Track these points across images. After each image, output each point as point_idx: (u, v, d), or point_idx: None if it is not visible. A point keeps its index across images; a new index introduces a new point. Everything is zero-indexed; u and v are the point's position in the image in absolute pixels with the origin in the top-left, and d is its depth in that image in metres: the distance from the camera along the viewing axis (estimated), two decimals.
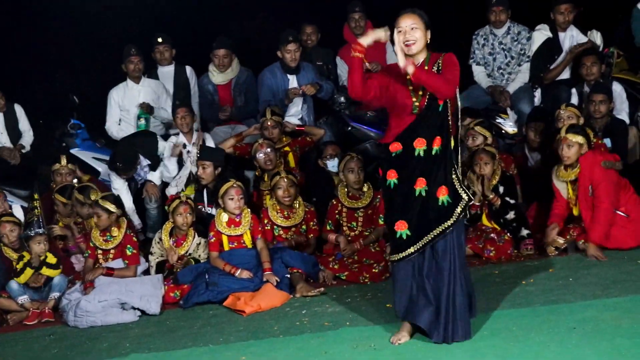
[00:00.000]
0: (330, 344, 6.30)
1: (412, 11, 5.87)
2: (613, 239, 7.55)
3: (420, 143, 5.85)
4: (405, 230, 5.89)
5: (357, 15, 9.98)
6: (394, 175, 5.92)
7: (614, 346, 5.61)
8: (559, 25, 9.56)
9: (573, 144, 7.66)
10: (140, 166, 9.10)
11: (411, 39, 5.81)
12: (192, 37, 10.79)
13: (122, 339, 7.03)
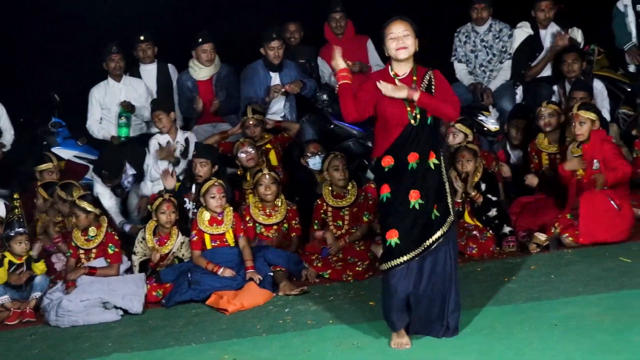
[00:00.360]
0: (313, 342, 6.31)
1: (402, 18, 5.89)
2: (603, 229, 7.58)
3: (414, 157, 5.85)
4: (395, 239, 5.83)
5: (337, 15, 9.97)
6: (387, 189, 5.88)
7: (596, 343, 5.64)
8: (539, 22, 9.58)
9: (585, 120, 7.75)
10: (126, 174, 9.06)
11: (403, 45, 5.83)
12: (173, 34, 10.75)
13: (104, 339, 7.02)
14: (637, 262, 7.03)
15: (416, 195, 5.84)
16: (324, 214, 8.18)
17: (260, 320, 6.94)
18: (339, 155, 8.19)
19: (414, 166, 5.85)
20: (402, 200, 5.84)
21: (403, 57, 5.85)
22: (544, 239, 7.66)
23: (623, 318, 5.95)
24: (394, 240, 5.83)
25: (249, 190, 8.62)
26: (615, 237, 7.56)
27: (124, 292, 7.55)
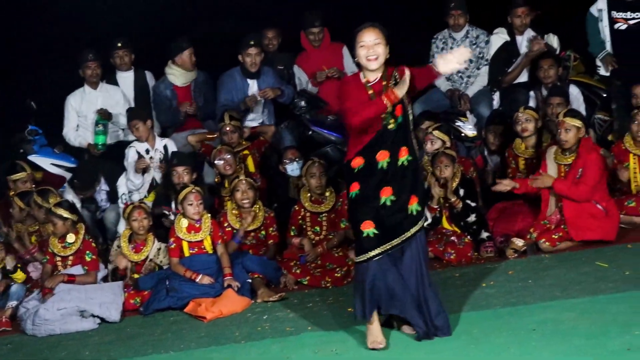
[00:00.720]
0: (292, 349, 6.32)
1: (373, 25, 5.93)
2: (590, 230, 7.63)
3: (383, 156, 5.91)
4: (372, 229, 5.90)
5: (316, 29, 9.96)
6: (357, 187, 5.95)
7: (573, 347, 5.66)
8: (516, 28, 9.62)
9: (571, 127, 7.76)
10: (99, 189, 9.02)
11: (374, 54, 5.87)
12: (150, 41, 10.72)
13: (82, 347, 7.01)
14: (613, 267, 7.06)
15: (388, 191, 5.91)
16: (302, 219, 8.18)
17: (238, 328, 6.93)
18: (317, 162, 8.19)
19: (384, 165, 5.91)
20: (372, 197, 5.91)
21: (373, 68, 5.92)
22: (521, 244, 7.69)
23: (599, 323, 5.98)
24: (371, 230, 5.90)
25: (227, 197, 8.61)
26: (603, 236, 7.63)
27: (101, 301, 7.53)
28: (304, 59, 10.10)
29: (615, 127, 9.20)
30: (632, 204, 8.00)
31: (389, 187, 5.92)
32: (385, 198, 5.92)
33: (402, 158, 5.94)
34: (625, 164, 8.22)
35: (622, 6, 9.03)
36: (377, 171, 5.91)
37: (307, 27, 10.00)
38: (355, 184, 5.95)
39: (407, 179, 5.96)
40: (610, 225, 7.68)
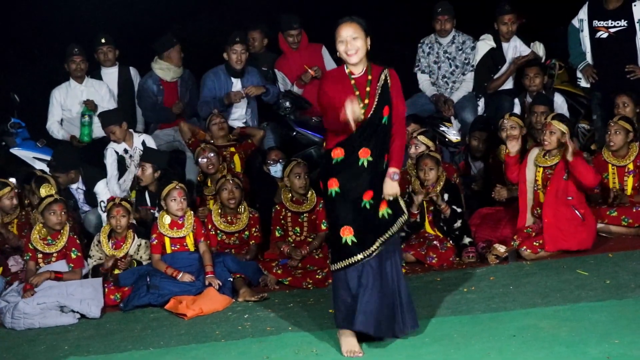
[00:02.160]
0: (272, 348, 6.32)
1: (350, 20, 5.90)
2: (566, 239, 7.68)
3: (365, 153, 5.88)
4: (350, 236, 5.87)
5: (295, 32, 9.97)
6: (335, 184, 5.89)
7: (553, 354, 5.69)
8: (502, 35, 9.68)
9: (556, 130, 7.78)
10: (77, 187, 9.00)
11: (352, 49, 5.85)
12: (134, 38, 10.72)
13: (61, 342, 7.00)
14: (593, 275, 7.09)
15: (369, 195, 5.89)
16: (283, 219, 8.18)
17: (219, 326, 6.94)
18: (301, 163, 8.19)
19: (365, 163, 5.88)
20: (354, 199, 5.88)
21: (354, 62, 5.89)
22: (503, 251, 7.71)
23: (579, 330, 6.02)
24: (349, 237, 5.87)
25: (209, 196, 8.61)
26: (579, 246, 7.66)
27: (81, 297, 7.51)
28: (283, 61, 10.11)
29: (596, 137, 9.26)
30: (614, 214, 8.05)
31: (371, 191, 5.90)
32: (366, 201, 5.91)
33: (384, 162, 5.95)
34: (605, 175, 8.27)
35: (603, 15, 9.09)
36: (358, 167, 5.88)
37: (285, 29, 10.01)
38: (333, 180, 5.89)
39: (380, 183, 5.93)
40: (586, 233, 7.72)
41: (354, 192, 5.89)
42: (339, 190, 5.88)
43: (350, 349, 5.99)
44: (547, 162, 7.86)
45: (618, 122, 8.26)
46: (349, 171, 5.88)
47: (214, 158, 8.69)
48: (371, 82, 5.92)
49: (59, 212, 7.84)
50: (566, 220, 7.70)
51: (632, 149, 8.28)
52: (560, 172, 7.76)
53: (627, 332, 5.90)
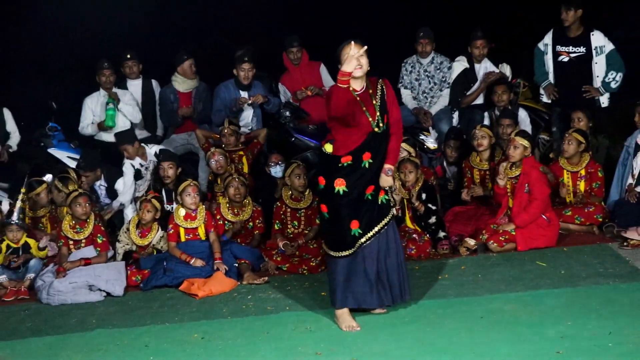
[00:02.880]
0: (272, 325, 6.34)
1: (354, 41, 5.92)
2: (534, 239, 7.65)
3: (367, 156, 6.01)
4: (357, 229, 6.04)
5: (295, 49, 9.95)
6: (342, 183, 6.00)
7: (514, 333, 5.74)
8: (475, 57, 9.66)
9: (519, 145, 7.78)
10: (99, 184, 8.97)
11: (359, 64, 5.89)
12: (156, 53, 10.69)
13: (89, 316, 6.99)
14: (550, 266, 7.12)
15: (371, 189, 6.04)
16: (283, 214, 8.15)
17: (226, 305, 6.93)
18: (301, 165, 8.18)
19: (366, 164, 6.02)
20: (359, 195, 6.02)
21: (359, 75, 5.94)
22: (473, 244, 7.71)
23: (538, 313, 6.07)
24: (357, 230, 6.04)
25: (219, 192, 8.60)
26: (546, 244, 7.65)
27: (107, 277, 7.50)
28: (287, 77, 10.09)
29: (554, 147, 9.26)
30: (568, 213, 8.05)
31: (372, 185, 6.05)
32: (368, 194, 6.05)
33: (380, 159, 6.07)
34: (560, 179, 8.28)
35: (565, 41, 9.08)
36: (361, 169, 6.01)
37: (287, 47, 9.99)
38: (340, 180, 6.00)
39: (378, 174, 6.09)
40: (552, 233, 7.71)
41: (359, 189, 6.02)
42: (346, 189, 6.00)
43: (349, 324, 6.10)
44: (513, 173, 7.86)
45: (572, 134, 8.27)
46: (354, 173, 6.01)
47: (222, 160, 8.68)
48: (373, 97, 6.03)
49: (83, 203, 7.83)
50: (534, 225, 7.69)
51: (584, 157, 8.28)
52: (522, 187, 7.76)
53: (579, 316, 5.95)
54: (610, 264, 7.02)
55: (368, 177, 6.04)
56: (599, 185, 8.23)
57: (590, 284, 6.59)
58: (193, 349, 6.02)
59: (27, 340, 6.54)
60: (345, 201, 6.01)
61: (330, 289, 6.27)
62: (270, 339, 6.06)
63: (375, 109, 6.01)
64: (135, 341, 6.29)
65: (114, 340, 6.35)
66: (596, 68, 9.00)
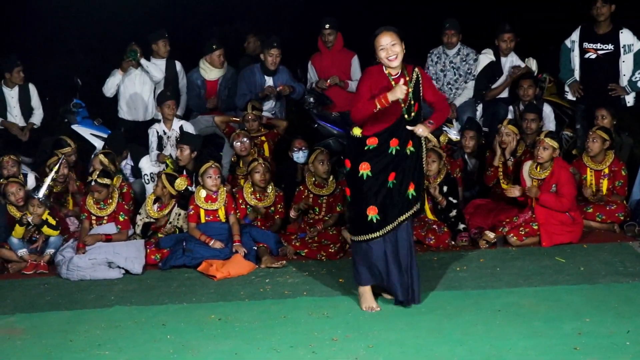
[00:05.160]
0: (289, 309, 6.35)
1: (387, 29, 5.95)
2: (559, 235, 7.63)
3: (394, 142, 5.99)
4: (375, 215, 5.99)
5: (327, 31, 9.87)
6: (367, 167, 5.98)
7: (532, 328, 5.73)
8: (501, 51, 9.61)
9: (548, 147, 7.76)
10: (125, 163, 9.00)
11: (393, 54, 5.89)
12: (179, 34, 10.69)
13: (108, 293, 7.03)
14: (570, 262, 7.10)
15: (393, 176, 5.99)
16: (305, 199, 8.16)
17: (243, 288, 6.95)
18: (324, 151, 8.18)
19: (393, 151, 5.98)
20: (382, 181, 5.97)
21: (395, 65, 5.95)
22: (492, 237, 7.69)
23: (555, 309, 6.05)
24: (374, 215, 5.99)
25: (241, 175, 8.61)
26: (570, 240, 7.63)
27: (127, 255, 7.54)
28: (317, 58, 10.06)
29: (578, 144, 9.22)
30: (590, 210, 8.02)
31: (394, 172, 5.99)
32: (390, 182, 6.00)
33: (409, 147, 6.04)
34: (583, 177, 8.24)
35: (593, 38, 9.02)
36: (387, 154, 5.98)
37: (321, 28, 9.97)
38: (365, 163, 5.98)
39: (407, 167, 6.04)
40: (576, 231, 7.69)
41: (382, 175, 5.99)
42: (370, 173, 5.98)
43: (369, 305, 6.18)
44: (540, 175, 7.84)
45: (596, 132, 8.23)
46: (379, 158, 5.98)
47: (246, 143, 8.69)
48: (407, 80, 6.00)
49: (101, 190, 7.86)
50: (558, 222, 7.66)
51: (608, 155, 8.25)
52: (548, 187, 7.74)
53: (597, 313, 5.93)
54: (630, 263, 6.99)
55: (392, 163, 6.00)
56: (622, 184, 8.20)
57: (609, 282, 6.56)
58: (210, 330, 6.05)
59: (45, 314, 6.59)
60: (368, 186, 6.00)
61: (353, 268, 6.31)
62: (287, 323, 6.07)
63: (407, 95, 5.96)
64: (152, 319, 6.32)
65: (131, 317, 6.39)
66: (623, 66, 8.94)
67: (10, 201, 7.95)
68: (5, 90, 9.63)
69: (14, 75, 9.54)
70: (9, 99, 9.63)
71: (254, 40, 10.29)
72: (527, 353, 5.32)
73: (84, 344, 5.88)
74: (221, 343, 5.77)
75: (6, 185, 7.99)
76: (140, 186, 8.88)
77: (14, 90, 9.64)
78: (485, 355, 5.34)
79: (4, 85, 9.63)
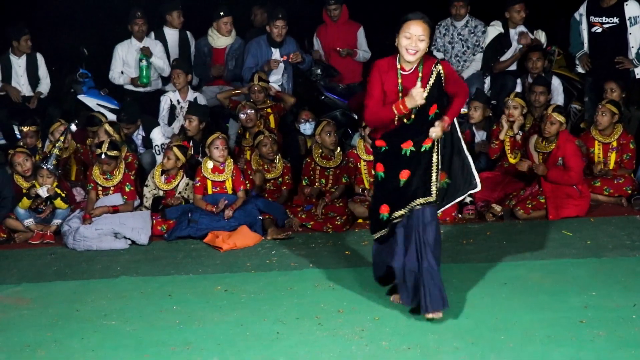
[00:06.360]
0: (295, 281, 6.36)
1: (423, 19, 5.26)
2: (566, 209, 7.63)
3: (408, 144, 5.45)
4: (386, 214, 5.53)
5: (332, 6, 9.85)
6: (381, 168, 5.55)
7: (538, 301, 5.73)
8: (513, 22, 9.50)
9: (556, 121, 7.74)
10: (137, 133, 8.99)
11: (415, 48, 5.24)
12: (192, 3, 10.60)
13: (114, 263, 7.05)
14: (576, 236, 7.10)
15: (406, 174, 5.47)
16: (312, 171, 8.14)
17: (249, 259, 6.97)
18: (331, 122, 8.16)
19: (407, 152, 5.47)
20: (393, 180, 5.50)
21: (411, 60, 5.32)
22: (499, 210, 7.69)
23: (561, 282, 6.05)
24: (385, 214, 5.54)
25: (247, 147, 8.61)
26: (577, 214, 7.64)
27: (133, 226, 7.55)
28: (323, 30, 10.03)
29: (586, 117, 9.18)
30: (597, 184, 8.02)
31: (407, 170, 5.48)
32: (403, 180, 5.49)
33: (425, 145, 5.46)
34: (591, 150, 8.22)
35: (598, 11, 8.95)
36: (401, 157, 5.49)
37: (325, 3, 9.92)
38: (380, 164, 5.58)
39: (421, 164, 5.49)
40: (583, 204, 7.70)
41: (394, 175, 5.52)
42: (383, 175, 5.57)
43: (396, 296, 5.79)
44: (546, 149, 7.83)
45: (606, 105, 8.20)
46: (392, 160, 5.53)
47: (252, 114, 8.66)
48: (422, 80, 5.37)
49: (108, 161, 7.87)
50: (565, 195, 7.66)
51: (617, 129, 8.22)
52: (555, 160, 7.73)
53: (603, 286, 5.93)
54: (637, 237, 6.99)
55: (406, 163, 5.49)
56: (630, 157, 8.18)
57: (616, 255, 6.56)
58: (216, 301, 6.06)
59: (52, 284, 6.62)
60: (382, 186, 5.60)
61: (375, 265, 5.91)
62: (293, 295, 6.08)
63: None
64: (158, 290, 6.34)
65: (137, 287, 6.41)
66: (631, 39, 8.87)
67: (17, 171, 7.95)
68: (13, 59, 9.62)
69: (21, 43, 9.52)
70: (17, 68, 9.62)
71: (260, 13, 10.25)
72: (533, 326, 5.32)
73: (90, 314, 5.90)
74: (227, 314, 5.79)
75: (13, 155, 8.00)
76: (151, 157, 8.87)
77: (21, 59, 9.63)
78: (492, 327, 5.35)
79: (11, 53, 9.62)
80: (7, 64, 9.60)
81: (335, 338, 5.31)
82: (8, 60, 9.60)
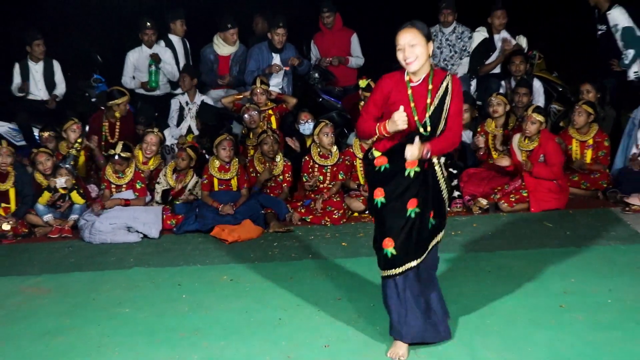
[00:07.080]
0: (296, 271, 6.39)
1: (410, 25, 4.64)
2: (547, 202, 7.66)
3: (412, 163, 4.67)
4: (391, 249, 4.69)
5: (326, 14, 9.88)
6: (381, 194, 4.71)
7: (521, 287, 5.76)
8: (494, 28, 9.55)
9: (536, 121, 7.76)
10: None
11: (410, 56, 4.60)
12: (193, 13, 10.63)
13: (127, 255, 7.08)
14: (557, 227, 7.12)
15: (414, 203, 4.69)
16: (311, 169, 8.17)
17: (253, 251, 6.99)
18: (329, 124, 8.17)
19: (411, 173, 4.70)
20: (399, 209, 4.69)
21: (413, 70, 4.64)
22: (485, 203, 7.73)
23: (543, 270, 6.06)
24: (390, 250, 4.69)
25: (251, 146, 8.63)
26: (557, 206, 7.67)
27: (145, 220, 7.58)
28: (319, 38, 10.07)
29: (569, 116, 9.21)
30: (575, 178, 8.07)
31: (415, 199, 4.69)
32: (411, 210, 4.69)
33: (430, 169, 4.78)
34: (569, 147, 8.25)
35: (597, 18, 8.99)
36: (404, 178, 4.69)
37: (320, 11, 9.95)
38: (379, 189, 4.73)
39: (430, 190, 4.75)
40: (563, 197, 7.74)
41: (400, 202, 4.69)
42: (384, 200, 4.71)
43: (396, 351, 4.83)
44: (528, 147, 7.86)
45: (582, 106, 8.22)
46: (394, 181, 4.70)
47: (255, 115, 8.69)
48: (431, 93, 4.69)
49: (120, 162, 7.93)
50: (546, 189, 7.69)
51: (592, 127, 8.25)
52: (537, 157, 7.76)
53: (582, 273, 5.96)
54: (612, 227, 7.03)
55: (412, 188, 4.69)
56: (605, 154, 8.21)
57: (593, 245, 6.60)
58: (222, 290, 6.09)
59: (70, 275, 6.64)
60: (383, 215, 4.71)
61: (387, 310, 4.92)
62: (294, 284, 6.10)
63: (426, 109, 4.67)
64: (168, 280, 6.37)
65: (149, 278, 6.44)
66: (621, 45, 8.91)
67: (39, 170, 8.00)
68: (31, 65, 9.63)
69: (34, 48, 9.51)
70: (34, 73, 9.63)
71: (261, 21, 10.26)
72: (516, 311, 5.35)
73: (105, 303, 5.93)
74: (233, 302, 5.81)
75: (36, 154, 8.05)
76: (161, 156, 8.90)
77: (38, 65, 9.64)
78: (478, 312, 5.37)
79: (29, 60, 9.63)
80: (25, 69, 9.62)
81: (333, 324, 5.33)
82: (26, 66, 9.62)
